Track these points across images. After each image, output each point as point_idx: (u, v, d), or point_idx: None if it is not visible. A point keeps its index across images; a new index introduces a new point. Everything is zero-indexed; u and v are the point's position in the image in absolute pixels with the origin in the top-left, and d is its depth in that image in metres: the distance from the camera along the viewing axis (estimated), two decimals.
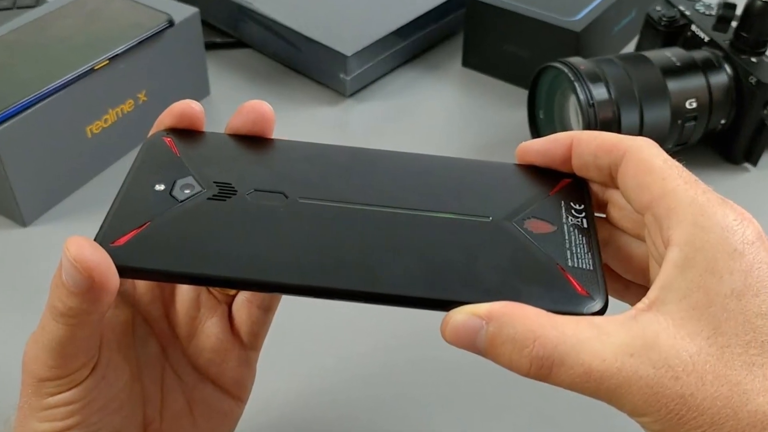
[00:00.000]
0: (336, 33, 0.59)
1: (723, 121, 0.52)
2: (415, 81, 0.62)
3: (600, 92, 0.48)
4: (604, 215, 0.29)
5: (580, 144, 0.28)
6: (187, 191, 0.27)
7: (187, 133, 0.30)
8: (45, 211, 0.50)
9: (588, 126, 0.48)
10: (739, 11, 0.52)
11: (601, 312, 0.25)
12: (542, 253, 0.26)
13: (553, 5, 0.58)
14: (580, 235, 0.27)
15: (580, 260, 0.26)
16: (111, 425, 0.28)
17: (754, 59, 0.51)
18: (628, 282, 0.29)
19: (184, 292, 0.31)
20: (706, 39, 0.53)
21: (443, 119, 0.59)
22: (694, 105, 0.50)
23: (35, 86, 0.47)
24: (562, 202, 0.28)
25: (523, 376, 0.23)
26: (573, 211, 0.28)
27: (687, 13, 0.55)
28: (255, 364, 0.33)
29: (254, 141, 0.30)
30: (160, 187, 0.27)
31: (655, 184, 0.25)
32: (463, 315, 0.24)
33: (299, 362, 0.41)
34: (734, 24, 0.53)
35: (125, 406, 0.28)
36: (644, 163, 0.26)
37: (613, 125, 0.49)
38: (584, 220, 0.28)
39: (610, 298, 0.25)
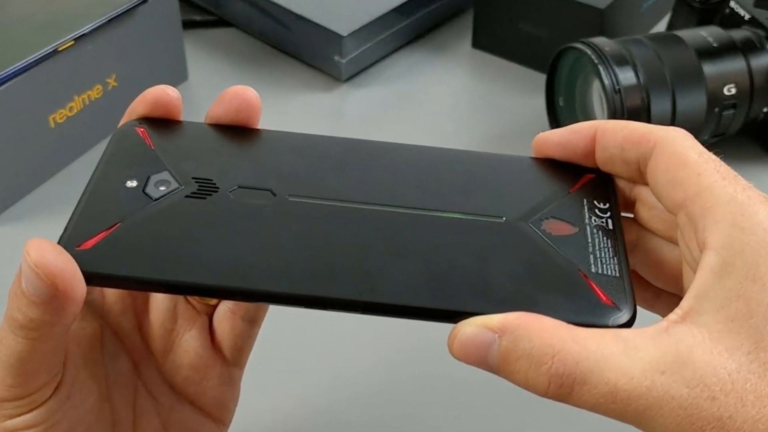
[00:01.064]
0: (330, 10, 0.59)
1: (765, 110, 0.52)
2: (418, 64, 0.62)
3: (627, 76, 0.48)
4: (631, 215, 0.29)
5: (605, 135, 0.28)
6: (162, 188, 0.27)
7: (162, 122, 0.30)
8: (2, 211, 0.50)
9: (613, 114, 0.48)
10: None
11: (629, 324, 0.25)
12: (562, 258, 0.26)
13: None
14: (605, 238, 0.27)
15: (604, 266, 0.26)
16: None
17: None
18: (659, 290, 0.29)
19: (159, 302, 0.31)
20: (747, 17, 0.53)
21: (450, 107, 0.59)
22: (733, 91, 0.50)
23: None
24: (585, 200, 0.28)
25: (541, 396, 0.23)
26: (597, 211, 0.28)
27: None
28: (239, 382, 0.33)
29: (238, 132, 0.30)
30: (132, 184, 0.27)
31: (690, 180, 0.25)
32: (473, 327, 0.24)
33: (289, 380, 0.41)
34: None
35: (93, 429, 0.28)
36: (677, 157, 0.26)
37: (642, 114, 0.49)
38: (609, 221, 0.28)
39: (638, 308, 0.25)
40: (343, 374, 0.42)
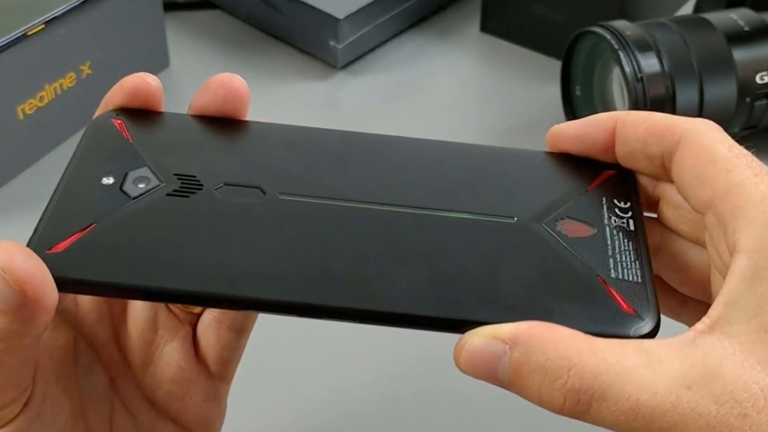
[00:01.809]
0: None
1: None
2: (422, 50, 0.62)
3: (650, 63, 0.48)
4: (655, 215, 0.29)
5: (626, 127, 0.28)
6: (141, 186, 0.27)
7: (141, 114, 0.30)
8: None
9: (635, 105, 0.48)
10: None
11: (652, 334, 0.25)
12: (579, 262, 0.26)
13: None
14: (626, 240, 0.27)
15: (625, 270, 0.26)
16: None
17: None
18: (685, 297, 0.29)
19: (138, 310, 0.31)
20: None
21: (457, 97, 0.59)
22: (767, 79, 0.50)
23: None
24: (604, 198, 0.28)
25: (556, 413, 0.23)
26: (617, 210, 0.28)
27: None
28: (225, 398, 0.33)
29: (224, 124, 0.30)
30: (108, 181, 0.27)
31: (719, 176, 0.25)
32: (481, 338, 0.24)
33: (280, 396, 0.41)
34: None
35: None
36: (705, 151, 0.26)
37: (667, 104, 0.49)
38: (631, 221, 0.28)
39: (662, 316, 0.25)
40: (338, 390, 0.42)
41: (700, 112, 0.49)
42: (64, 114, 0.53)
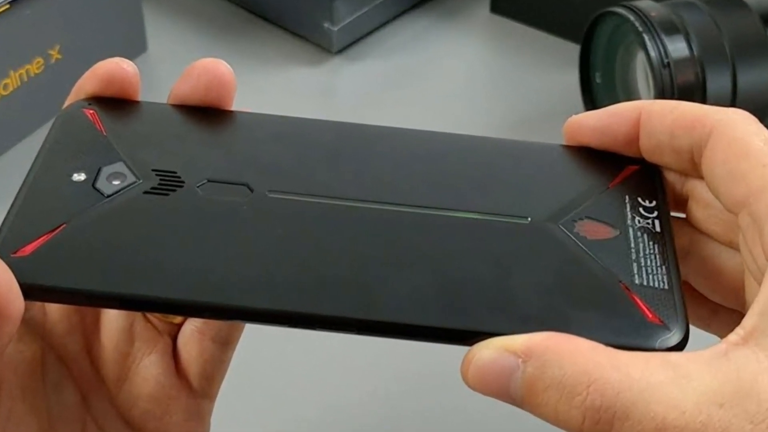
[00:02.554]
0: None
1: None
2: (426, 33, 0.62)
3: (678, 47, 0.48)
4: (683, 215, 0.29)
5: (651, 118, 0.28)
6: (116, 182, 0.27)
7: (116, 103, 0.30)
8: None
9: (661, 93, 0.48)
10: None
11: (680, 346, 0.25)
12: (599, 267, 0.26)
13: None
14: (651, 242, 0.27)
15: (650, 276, 0.26)
16: None
17: None
18: (716, 306, 0.29)
19: (113, 320, 0.31)
20: None
21: (464, 85, 0.59)
22: None
23: None
24: (627, 197, 0.28)
25: None
26: (641, 210, 0.28)
27: None
28: (208, 417, 0.33)
29: (207, 114, 0.30)
30: (79, 177, 0.27)
31: (753, 172, 0.25)
32: (491, 351, 0.24)
33: (269, 415, 0.41)
34: None
35: None
36: (738, 144, 0.26)
37: (696, 92, 0.49)
38: (656, 222, 0.28)
39: (691, 327, 0.25)
40: (333, 408, 0.42)
41: (733, 101, 0.49)
42: (30, 103, 0.53)
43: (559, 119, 0.30)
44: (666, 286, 0.26)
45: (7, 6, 0.50)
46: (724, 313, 0.29)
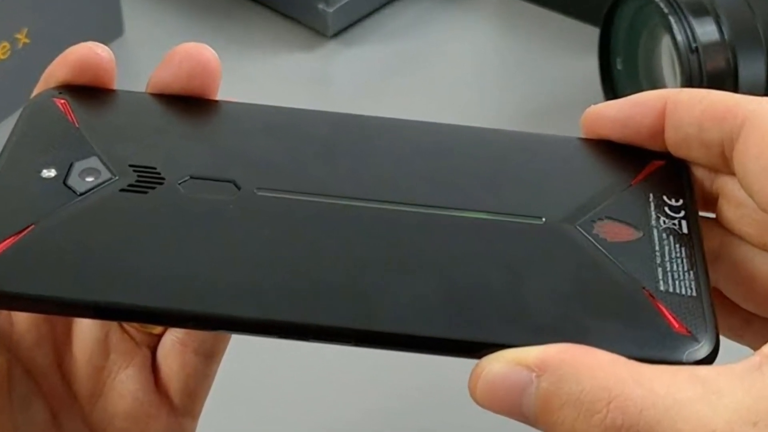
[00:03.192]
0: None
1: None
2: (430, 15, 0.62)
3: (707, 31, 0.48)
4: (713, 215, 0.29)
5: (678, 109, 0.28)
6: (90, 179, 0.27)
7: (89, 92, 0.30)
8: None
9: (689, 81, 0.48)
10: None
11: (709, 359, 0.25)
12: (620, 272, 0.26)
13: None
14: (678, 245, 0.27)
15: (677, 282, 0.26)
16: None
17: None
18: (749, 314, 0.29)
19: (86, 330, 0.31)
20: None
21: (472, 72, 0.59)
22: None
23: None
24: (651, 195, 0.28)
25: None
26: (667, 209, 0.28)
27: None
28: None
29: (190, 104, 0.30)
30: (49, 173, 0.27)
31: None
32: (502, 364, 0.24)
33: None
34: None
35: None
36: None
37: (727, 80, 0.49)
38: (683, 223, 0.28)
39: (722, 338, 0.25)
40: (328, 428, 0.42)
41: (767, 90, 0.49)
42: None
43: (576, 110, 0.30)
44: (694, 293, 0.26)
45: None
46: (757, 322, 0.29)
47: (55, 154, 0.28)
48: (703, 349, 0.25)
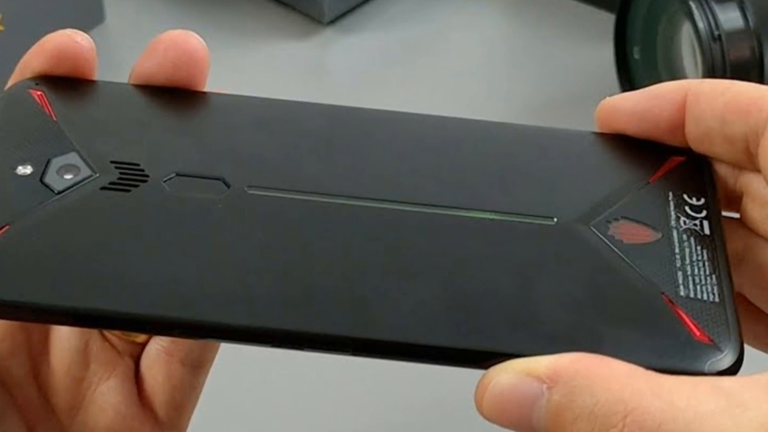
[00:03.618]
0: None
1: None
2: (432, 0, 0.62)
3: (731, 17, 0.48)
4: (737, 215, 0.29)
5: (699, 101, 0.28)
6: (68, 176, 0.27)
7: (68, 83, 0.30)
8: None
9: (711, 71, 0.48)
10: None
11: (733, 369, 0.25)
12: (638, 276, 0.26)
13: None
14: (699, 247, 0.27)
15: (698, 287, 0.26)
16: None
17: None
18: None
19: (64, 339, 0.31)
20: None
21: (479, 61, 0.59)
22: None
23: None
24: (670, 194, 0.28)
25: None
26: (687, 209, 0.28)
27: None
28: None
29: (176, 96, 0.30)
30: (25, 170, 0.27)
31: None
32: (511, 375, 0.24)
33: None
34: None
35: None
36: None
37: (752, 70, 0.49)
38: (705, 223, 0.28)
39: (746, 346, 0.25)
40: None
41: None
42: None
43: (590, 102, 0.30)
44: (716, 299, 0.26)
45: None
46: None
47: (32, 150, 0.28)
48: (726, 359, 0.25)
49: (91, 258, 0.26)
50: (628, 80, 0.54)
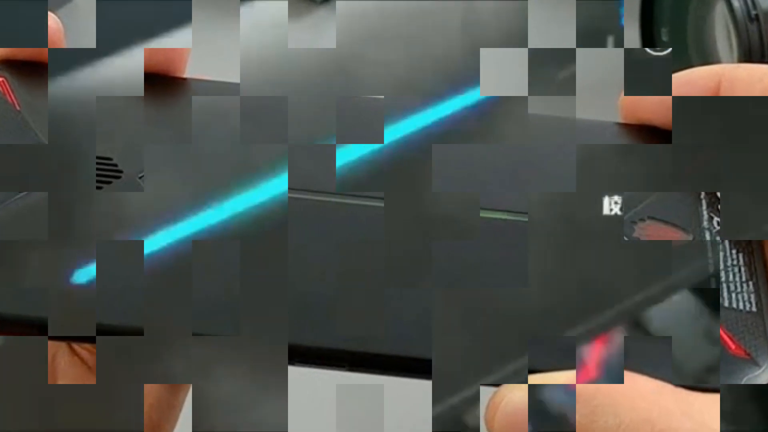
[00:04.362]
0: None
1: None
2: None
3: None
4: None
5: (735, 88, 0.28)
6: None
7: (33, 69, 0.30)
8: None
9: (747, 55, 0.48)
10: None
11: None
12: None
13: None
14: (734, 251, 0.27)
15: (733, 295, 0.26)
16: None
17: None
18: None
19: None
20: None
21: None
22: None
23: None
24: (702, 191, 0.28)
25: None
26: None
27: None
28: None
29: (153, 82, 0.30)
30: None
31: None
32: (525, 393, 0.24)
33: None
34: None
35: None
36: None
37: None
38: None
39: None
40: None
41: None
42: None
43: (612, 88, 0.30)
44: (753, 308, 0.26)
45: None
46: None
47: None
48: (764, 375, 0.25)
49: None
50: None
